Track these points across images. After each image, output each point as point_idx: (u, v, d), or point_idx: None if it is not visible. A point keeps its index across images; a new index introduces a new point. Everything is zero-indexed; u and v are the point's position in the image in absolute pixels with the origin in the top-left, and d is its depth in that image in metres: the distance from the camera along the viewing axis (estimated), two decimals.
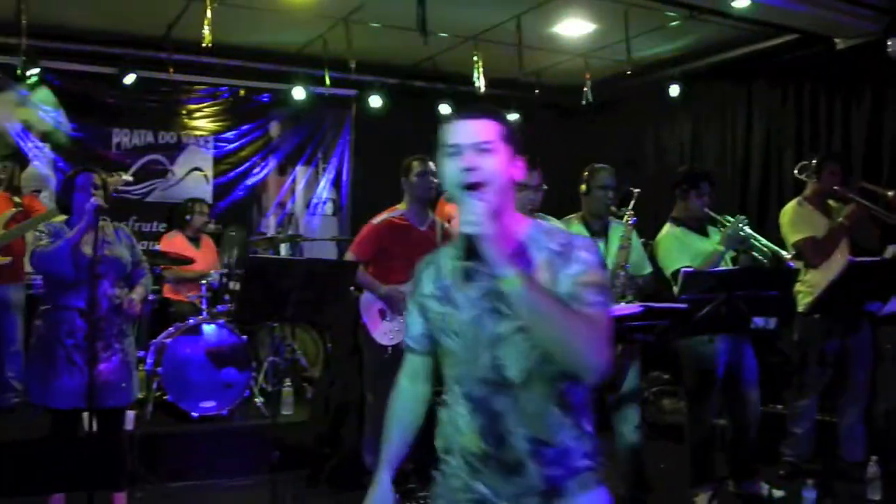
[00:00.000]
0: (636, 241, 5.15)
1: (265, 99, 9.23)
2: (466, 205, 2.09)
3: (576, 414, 2.23)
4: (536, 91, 9.03)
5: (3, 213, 6.44)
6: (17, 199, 6.59)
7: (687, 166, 6.53)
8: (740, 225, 5.06)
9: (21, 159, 7.83)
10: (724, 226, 5.18)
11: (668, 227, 5.40)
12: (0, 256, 6.37)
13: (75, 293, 4.49)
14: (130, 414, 5.82)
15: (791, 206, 5.87)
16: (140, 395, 5.70)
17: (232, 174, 9.12)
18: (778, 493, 5.38)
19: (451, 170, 2.19)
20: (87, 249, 4.37)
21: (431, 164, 5.56)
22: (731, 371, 5.25)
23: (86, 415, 4.78)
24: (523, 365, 2.17)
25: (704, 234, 5.35)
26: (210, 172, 9.01)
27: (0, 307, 6.60)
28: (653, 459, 5.28)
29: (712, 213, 5.29)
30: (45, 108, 8.07)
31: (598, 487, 2.26)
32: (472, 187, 2.14)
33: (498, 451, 2.19)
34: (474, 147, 2.17)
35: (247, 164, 9.20)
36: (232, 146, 9.13)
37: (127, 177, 6.06)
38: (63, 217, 4.71)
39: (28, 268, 6.73)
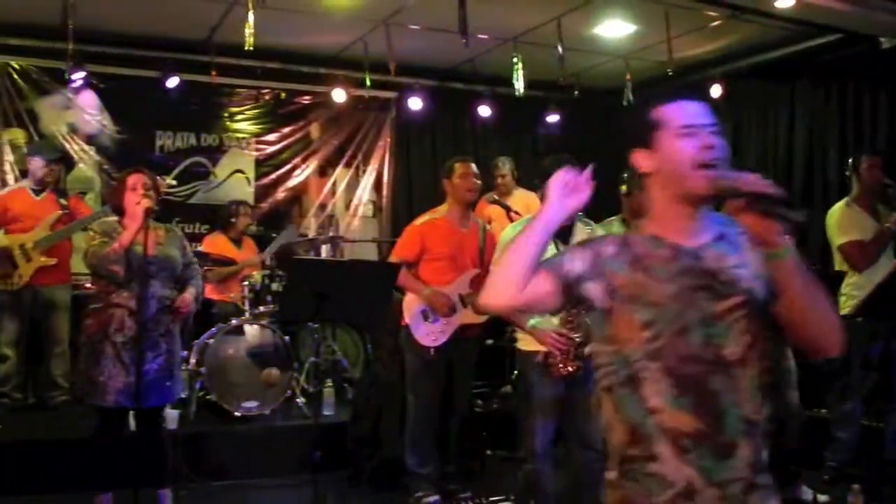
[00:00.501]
0: None
1: (306, 101, 9.28)
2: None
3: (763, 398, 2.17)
4: (576, 93, 9.01)
5: (49, 215, 6.55)
6: (63, 202, 6.68)
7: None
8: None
9: (67, 162, 7.95)
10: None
11: (841, 205, 5.49)
12: (46, 258, 6.46)
13: (126, 292, 4.54)
14: (174, 413, 5.90)
15: (838, 207, 5.81)
16: (183, 395, 5.77)
17: (273, 176, 9.18)
18: (823, 498, 5.33)
19: (688, 148, 2.14)
20: (139, 250, 4.42)
21: (474, 166, 5.58)
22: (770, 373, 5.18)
23: (132, 413, 4.89)
24: (740, 344, 2.11)
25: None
26: (252, 174, 9.08)
27: (47, 307, 6.69)
28: None
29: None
30: (90, 112, 8.21)
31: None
32: (709, 165, 2.12)
33: (713, 431, 2.07)
34: (709, 127, 2.18)
35: (288, 166, 9.24)
36: (273, 148, 9.18)
37: (170, 180, 6.14)
38: (114, 217, 4.79)
39: (74, 268, 6.88)
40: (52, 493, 5.42)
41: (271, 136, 9.18)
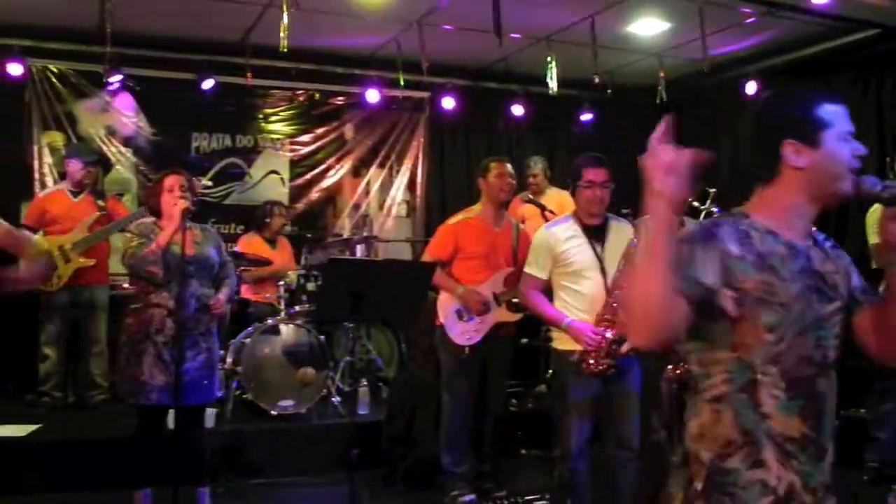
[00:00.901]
0: None
1: (339, 102, 9.33)
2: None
3: None
4: (609, 91, 8.99)
5: (87, 216, 6.63)
6: (100, 203, 6.78)
7: None
8: None
9: (104, 164, 8.06)
10: None
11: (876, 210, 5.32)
12: (84, 259, 6.54)
13: (165, 292, 4.58)
14: (211, 412, 5.94)
15: (878, 205, 5.73)
16: (220, 394, 5.82)
17: (308, 176, 9.23)
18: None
19: (847, 152, 2.16)
20: (176, 250, 4.46)
21: (509, 166, 5.59)
22: None
23: (171, 411, 4.94)
24: (837, 349, 2.15)
25: None
26: (286, 175, 9.13)
27: (86, 307, 6.79)
28: None
29: None
30: (126, 114, 8.32)
31: None
32: (857, 171, 2.17)
33: (816, 434, 2.09)
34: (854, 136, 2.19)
35: (322, 167, 9.29)
36: (307, 149, 9.24)
37: (206, 181, 6.20)
38: (151, 218, 4.84)
39: (112, 269, 6.96)
40: (91, 491, 5.49)
41: (305, 137, 9.23)
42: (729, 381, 2.10)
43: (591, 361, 4.24)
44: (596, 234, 4.47)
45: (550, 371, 7.27)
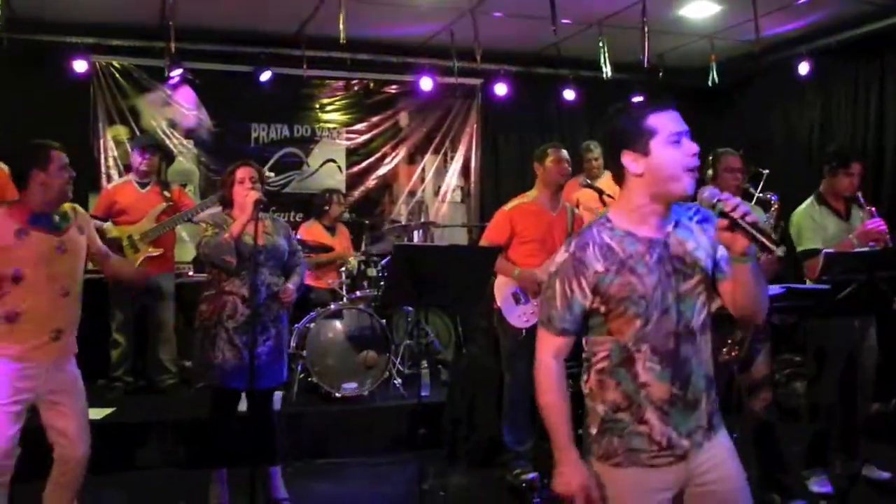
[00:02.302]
0: None
1: (393, 90, 9.47)
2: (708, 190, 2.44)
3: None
4: (660, 74, 9.01)
5: (154, 207, 6.84)
6: (167, 194, 6.97)
7: (838, 143, 6.37)
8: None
9: (167, 155, 8.29)
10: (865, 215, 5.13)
11: (808, 204, 5.35)
12: (153, 248, 6.75)
13: (238, 280, 4.76)
14: (277, 394, 6.12)
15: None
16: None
17: (364, 164, 9.38)
18: (885, 475, 5.37)
19: (678, 154, 2.48)
20: (248, 239, 4.62)
21: (565, 152, 5.68)
22: (852, 353, 5.18)
23: (244, 394, 5.13)
24: (701, 315, 2.58)
25: (846, 215, 5.29)
26: (343, 163, 9.29)
27: (154, 295, 7.00)
28: (784, 442, 5.29)
29: (860, 197, 5.23)
30: (187, 107, 8.54)
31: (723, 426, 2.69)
32: (693, 169, 2.49)
33: (684, 392, 2.55)
34: (688, 134, 2.51)
35: (378, 155, 9.44)
36: (363, 137, 9.39)
37: (268, 172, 6.39)
38: (220, 208, 5.03)
39: (177, 258, 7.19)
40: (170, 470, 5.76)
41: (361, 126, 9.39)
42: (609, 357, 2.60)
43: None
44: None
45: None
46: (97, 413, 6.11)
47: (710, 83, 8.64)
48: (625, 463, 2.58)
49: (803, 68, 8.39)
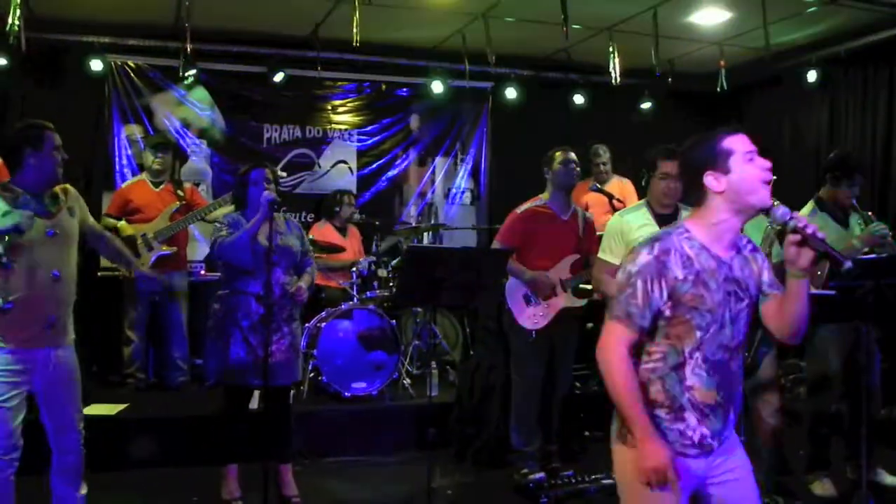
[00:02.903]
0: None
1: (405, 93, 9.52)
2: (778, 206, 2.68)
3: None
4: (669, 79, 9.07)
5: (168, 206, 6.92)
6: (180, 193, 7.07)
7: (842, 151, 6.41)
8: (882, 227, 5.05)
9: (181, 154, 8.38)
10: (866, 220, 5.16)
11: (808, 208, 5.37)
12: (167, 247, 6.83)
13: (251, 279, 4.84)
14: None
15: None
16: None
17: (375, 166, 9.43)
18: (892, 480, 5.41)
19: (754, 169, 2.73)
20: (263, 239, 4.67)
21: (573, 155, 5.72)
22: (857, 359, 5.18)
23: (256, 392, 5.20)
24: (742, 334, 2.85)
25: (845, 223, 5.31)
26: (354, 165, 9.34)
27: (166, 293, 7.08)
28: (788, 446, 5.34)
29: (857, 207, 5.25)
30: (201, 107, 8.61)
31: None
32: (769, 182, 2.73)
33: (724, 400, 2.81)
34: (757, 152, 2.77)
35: (388, 157, 9.49)
36: (374, 139, 9.44)
37: (281, 173, 6.47)
38: (230, 208, 5.11)
39: (190, 256, 7.27)
40: (183, 466, 5.82)
41: (372, 128, 9.44)
42: (663, 360, 2.79)
43: None
44: (667, 223, 4.62)
45: None
46: (110, 409, 6.22)
47: (718, 89, 8.68)
48: None
49: (812, 76, 8.45)
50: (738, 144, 2.76)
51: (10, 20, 6.51)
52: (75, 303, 4.26)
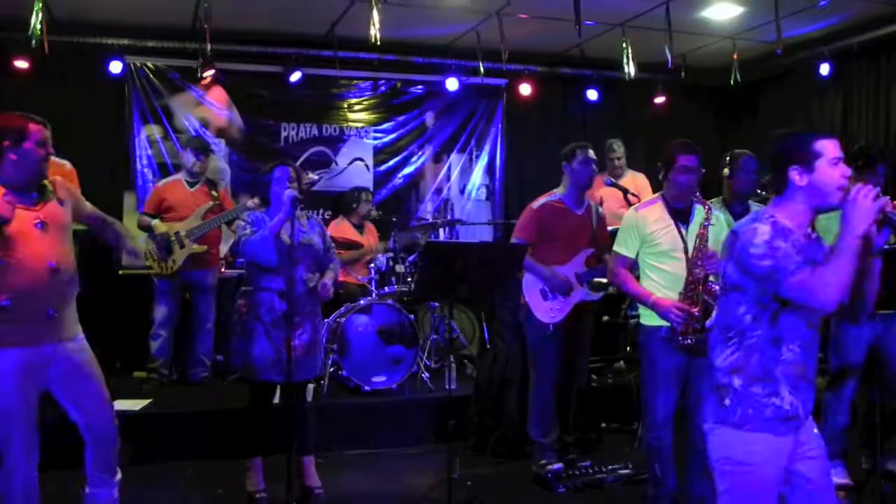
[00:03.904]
0: None
1: (420, 90, 9.60)
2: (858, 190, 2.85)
3: None
4: (682, 74, 9.13)
5: (201, 205, 7.02)
6: (214, 193, 7.16)
7: (865, 143, 6.43)
8: None
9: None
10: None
11: None
12: (198, 245, 6.93)
13: (275, 276, 4.91)
14: (308, 387, 6.30)
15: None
16: None
17: (391, 163, 9.53)
18: None
19: (836, 176, 2.95)
20: (285, 237, 4.74)
21: (592, 152, 5.79)
22: (874, 349, 5.27)
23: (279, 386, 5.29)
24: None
25: None
26: (370, 162, 9.44)
27: (198, 290, 7.21)
28: None
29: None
30: (219, 107, 8.73)
31: None
32: (845, 189, 2.92)
33: (810, 374, 3.07)
34: (843, 159, 2.99)
35: (404, 154, 9.58)
36: (390, 137, 9.54)
37: (313, 176, 6.56)
38: (256, 205, 5.20)
39: (221, 254, 7.38)
40: (208, 460, 5.93)
41: (388, 125, 9.53)
42: (763, 333, 3.00)
43: (681, 338, 4.46)
44: (681, 217, 4.68)
45: (629, 347, 7.53)
46: (134, 404, 6.31)
47: (731, 83, 8.72)
48: (757, 429, 3.01)
49: (824, 69, 8.49)
50: (828, 149, 2.96)
51: (32, 23, 6.63)
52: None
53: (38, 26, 6.66)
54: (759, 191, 5.35)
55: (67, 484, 4.42)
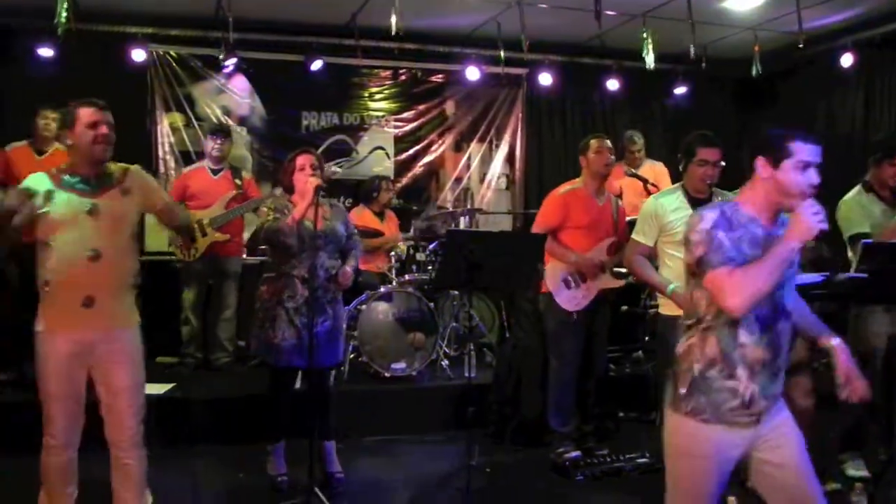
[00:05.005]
0: None
1: (441, 80, 9.64)
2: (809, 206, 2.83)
3: None
4: (703, 64, 9.11)
5: (225, 193, 7.07)
6: (238, 181, 7.19)
7: (885, 134, 6.40)
8: None
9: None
10: None
11: (855, 191, 5.40)
12: (220, 234, 6.98)
13: (297, 263, 4.97)
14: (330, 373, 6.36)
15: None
16: None
17: (411, 152, 9.58)
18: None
19: (799, 180, 2.92)
20: (308, 224, 4.79)
21: (608, 142, 5.83)
22: (893, 341, 5.26)
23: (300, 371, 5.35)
24: (792, 299, 3.07)
25: (893, 203, 5.33)
26: (391, 150, 9.49)
27: (220, 276, 7.27)
28: (821, 427, 5.40)
29: None
30: (241, 95, 8.79)
31: None
32: (808, 195, 2.91)
33: (772, 359, 3.00)
34: (817, 167, 2.94)
35: (425, 142, 9.63)
36: (411, 126, 9.59)
37: (336, 168, 6.60)
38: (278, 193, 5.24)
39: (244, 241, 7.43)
40: (230, 444, 5.99)
41: (409, 114, 9.58)
42: (717, 317, 2.97)
43: None
44: (702, 206, 4.70)
45: (648, 336, 7.55)
46: (158, 388, 6.35)
47: (753, 74, 8.70)
48: (711, 419, 2.98)
49: (846, 60, 8.44)
50: (800, 151, 2.92)
51: (57, 11, 6.68)
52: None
53: (65, 15, 6.72)
54: None
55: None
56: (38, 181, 3.91)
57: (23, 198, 3.81)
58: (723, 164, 4.79)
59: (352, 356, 6.92)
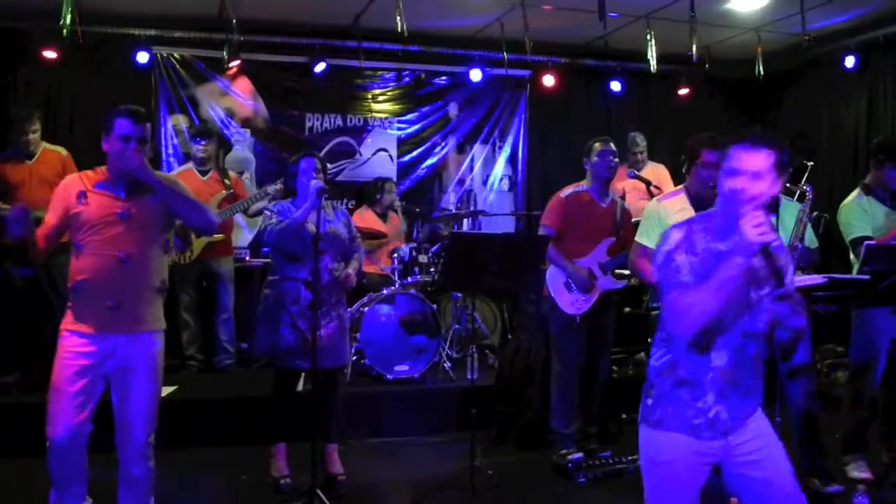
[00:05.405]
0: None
1: (444, 81, 9.63)
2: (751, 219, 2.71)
3: None
4: (707, 66, 9.11)
5: (215, 194, 7.09)
6: (226, 181, 7.22)
7: (886, 136, 6.38)
8: None
9: (224, 143, 8.56)
10: None
11: (855, 194, 5.38)
12: (216, 234, 6.95)
13: (300, 266, 4.98)
14: None
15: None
16: None
17: (415, 154, 9.58)
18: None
19: (726, 187, 2.84)
20: (311, 227, 4.79)
21: (612, 145, 5.82)
22: (894, 343, 5.24)
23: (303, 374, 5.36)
24: (766, 320, 2.95)
25: (893, 205, 5.31)
26: (394, 153, 9.49)
27: (214, 278, 7.28)
28: (824, 430, 5.40)
29: None
30: (244, 97, 8.80)
31: None
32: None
33: (743, 382, 2.95)
34: (750, 175, 2.80)
35: (428, 144, 9.63)
36: (414, 128, 9.59)
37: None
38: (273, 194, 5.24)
39: (235, 242, 7.44)
40: (233, 446, 6.00)
41: (411, 116, 9.58)
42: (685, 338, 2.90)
43: None
44: (704, 209, 4.69)
45: (650, 338, 7.53)
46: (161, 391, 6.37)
47: (756, 76, 8.70)
48: (675, 429, 2.97)
49: (850, 61, 8.45)
50: (729, 159, 2.84)
51: (62, 13, 6.70)
52: None
53: (70, 17, 6.74)
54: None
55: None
56: (72, 184, 4.00)
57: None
58: None
59: (354, 358, 6.91)
